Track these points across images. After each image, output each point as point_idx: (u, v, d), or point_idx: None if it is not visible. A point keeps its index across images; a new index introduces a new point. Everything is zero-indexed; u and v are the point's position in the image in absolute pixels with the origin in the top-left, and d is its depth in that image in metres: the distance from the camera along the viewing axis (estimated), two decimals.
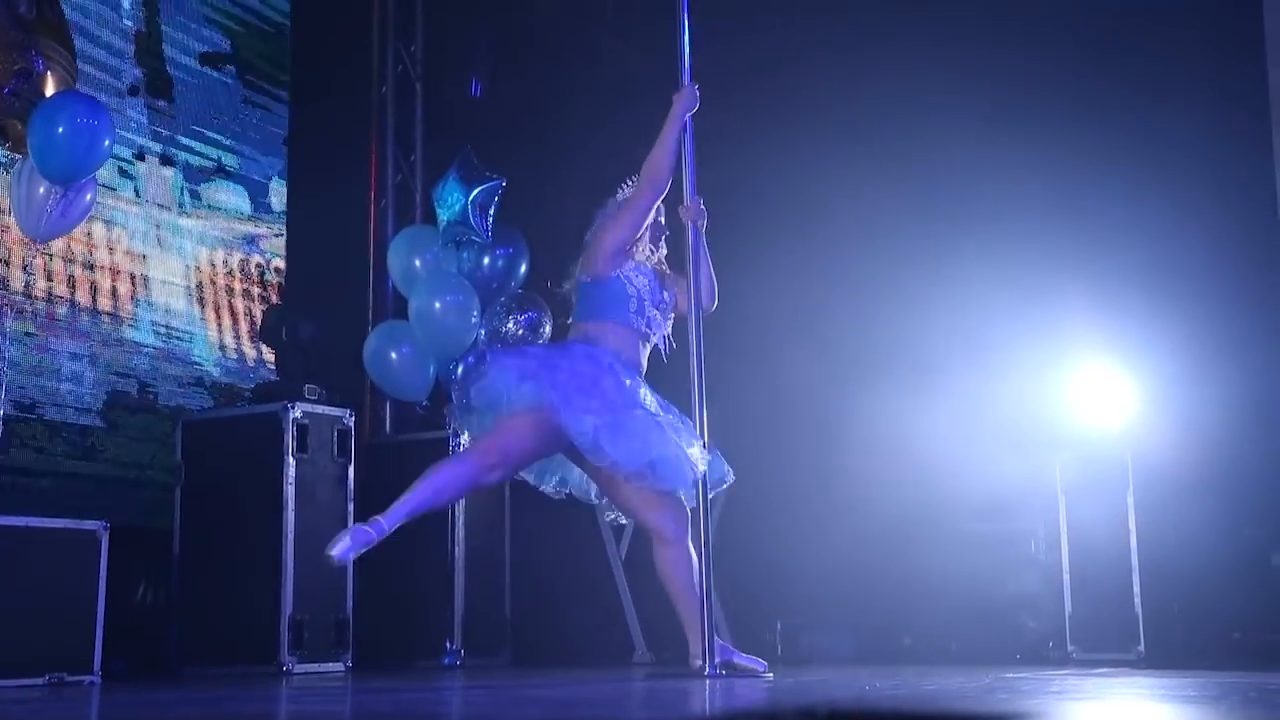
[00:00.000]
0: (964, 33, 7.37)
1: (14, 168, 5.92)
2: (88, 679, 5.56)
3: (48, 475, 6.63)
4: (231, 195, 7.70)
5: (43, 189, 5.69)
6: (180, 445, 6.60)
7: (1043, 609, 6.77)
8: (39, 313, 6.67)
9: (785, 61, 7.65)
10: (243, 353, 7.61)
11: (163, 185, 7.34)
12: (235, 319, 7.60)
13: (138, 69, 7.27)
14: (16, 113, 5.60)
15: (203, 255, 7.49)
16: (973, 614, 6.95)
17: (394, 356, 7.15)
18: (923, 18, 7.44)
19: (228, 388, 7.47)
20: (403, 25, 8.60)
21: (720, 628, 5.12)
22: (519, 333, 7.06)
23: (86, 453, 6.80)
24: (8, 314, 6.48)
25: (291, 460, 6.33)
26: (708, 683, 4.80)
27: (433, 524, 6.86)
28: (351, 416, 6.66)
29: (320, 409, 6.53)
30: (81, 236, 6.83)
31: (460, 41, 8.65)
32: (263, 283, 7.79)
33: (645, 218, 5.23)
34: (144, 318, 7.14)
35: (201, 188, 7.54)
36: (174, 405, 7.16)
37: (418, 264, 7.24)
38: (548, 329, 7.08)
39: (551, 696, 4.42)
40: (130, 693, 5.26)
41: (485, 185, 7.04)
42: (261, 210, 7.86)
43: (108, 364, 6.95)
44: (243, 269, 7.70)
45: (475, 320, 7.03)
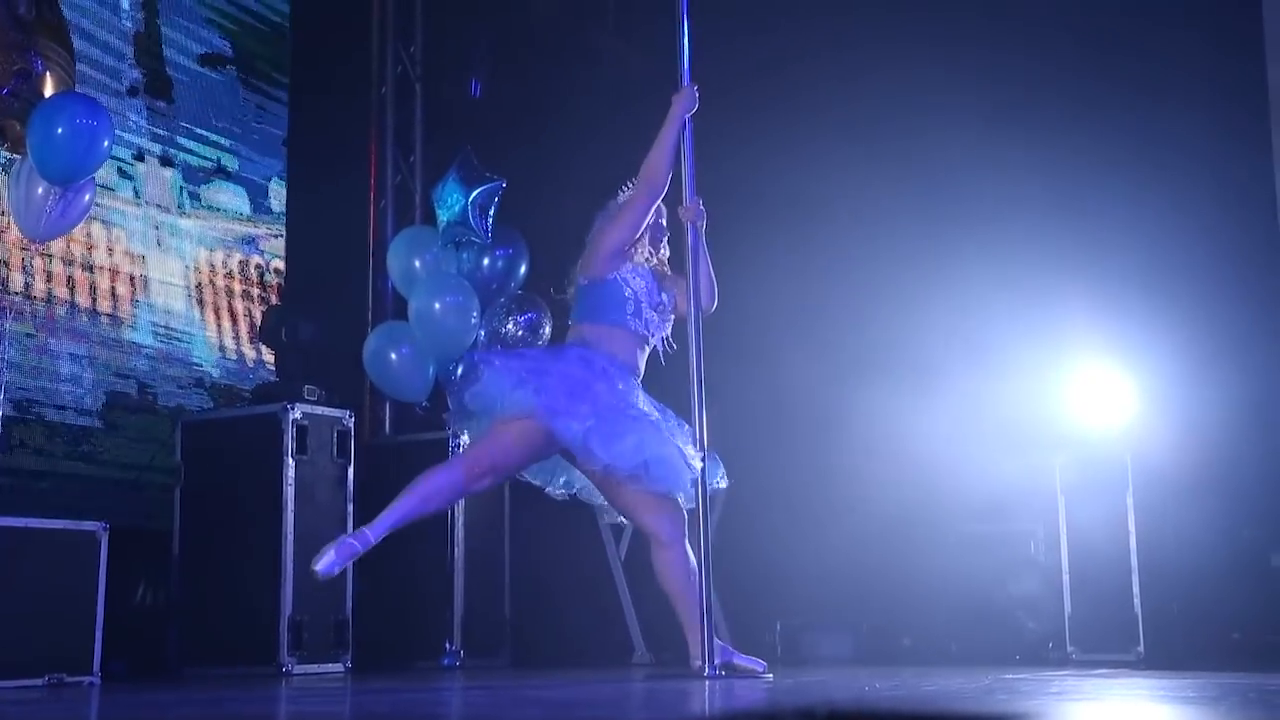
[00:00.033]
0: (964, 33, 7.37)
1: (13, 168, 5.91)
2: (87, 680, 5.56)
3: (47, 476, 6.63)
4: (231, 196, 7.70)
5: (41, 189, 5.69)
6: (180, 446, 6.60)
7: (1042, 610, 6.77)
8: (38, 314, 6.67)
9: (785, 61, 7.65)
10: (242, 353, 7.61)
11: (162, 186, 7.34)
12: (235, 320, 7.60)
13: (137, 70, 7.27)
14: (15, 113, 5.60)
15: (202, 256, 7.49)
16: (972, 615, 6.95)
17: (393, 357, 7.14)
18: (923, 18, 7.44)
19: (227, 389, 7.47)
20: (402, 26, 8.60)
21: (720, 629, 5.11)
22: (519, 334, 7.05)
23: (86, 454, 6.80)
24: (7, 315, 6.48)
25: (291, 461, 6.33)
26: (707, 683, 4.80)
27: (432, 525, 6.85)
28: (351, 417, 6.66)
29: (320, 410, 6.52)
30: (81, 237, 6.83)
31: (460, 42, 8.65)
32: (262, 283, 7.79)
33: (643, 219, 5.23)
34: (143, 318, 7.14)
35: (201, 188, 7.54)
36: (173, 406, 7.16)
37: (417, 265, 7.23)
38: (547, 330, 7.07)
39: (551, 697, 4.42)
40: (130, 693, 5.25)
41: (485, 186, 7.03)
42: (261, 211, 7.85)
43: (107, 365, 6.95)
44: (242, 270, 7.70)
45: (475, 321, 7.02)
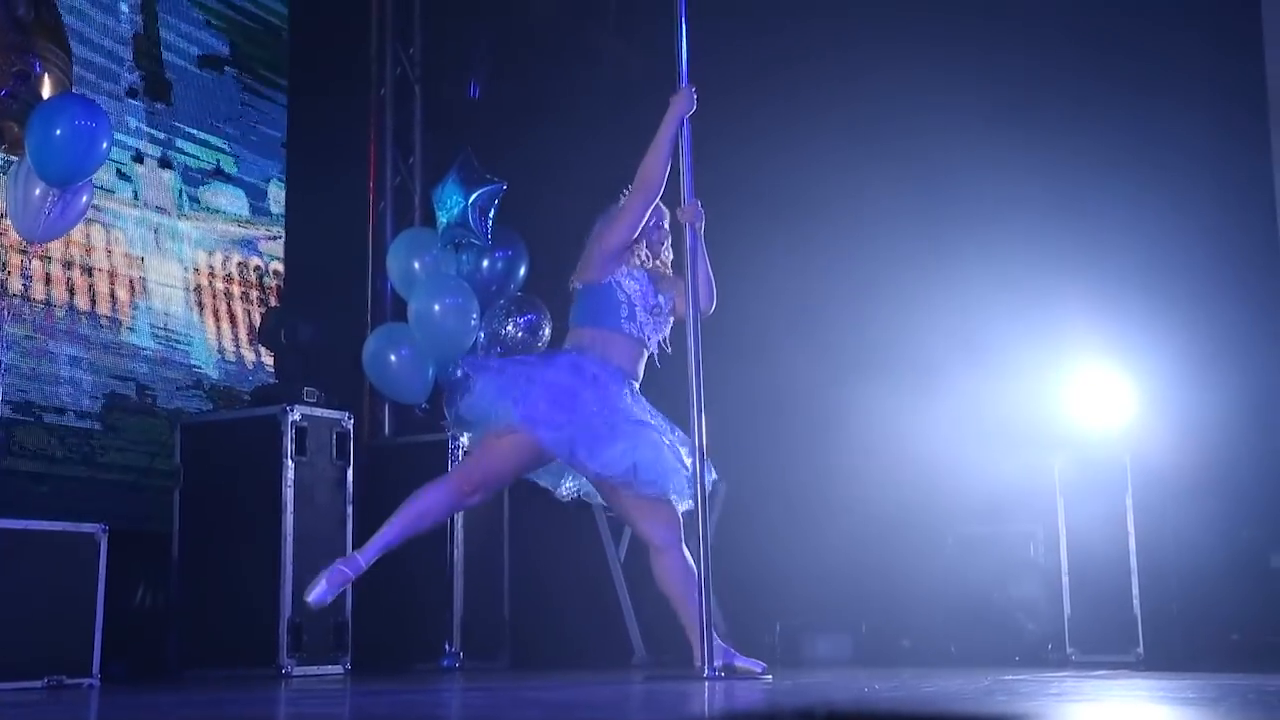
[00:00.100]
0: (964, 33, 7.37)
1: (10, 169, 5.91)
2: (86, 682, 5.56)
3: (47, 478, 6.62)
4: (230, 198, 7.70)
5: (39, 190, 5.68)
6: (179, 448, 6.60)
7: (1041, 611, 6.77)
8: (38, 316, 6.66)
9: (785, 62, 7.65)
10: (241, 355, 7.60)
11: (161, 188, 7.34)
12: (234, 321, 7.60)
13: (136, 71, 7.26)
14: (14, 115, 5.59)
15: (201, 258, 7.49)
16: (971, 616, 6.95)
17: (393, 359, 7.14)
18: (922, 18, 7.44)
19: (226, 390, 7.47)
20: (401, 27, 8.60)
21: (719, 630, 5.11)
22: (518, 335, 7.05)
23: (85, 456, 6.80)
24: (6, 317, 6.48)
25: (290, 463, 6.33)
26: (707, 685, 4.79)
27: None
28: (350, 419, 6.65)
29: (319, 412, 6.52)
30: (80, 239, 6.83)
31: (459, 43, 8.64)
32: (261, 285, 7.79)
33: (639, 222, 5.20)
34: (143, 321, 7.14)
35: (200, 190, 7.54)
36: (173, 408, 7.15)
37: (417, 266, 7.23)
38: (547, 331, 7.07)
39: (550, 699, 4.42)
40: (129, 695, 5.26)
41: (486, 188, 7.03)
42: (260, 213, 7.85)
43: (106, 367, 6.94)
44: (241, 271, 7.69)
45: (474, 323, 7.02)
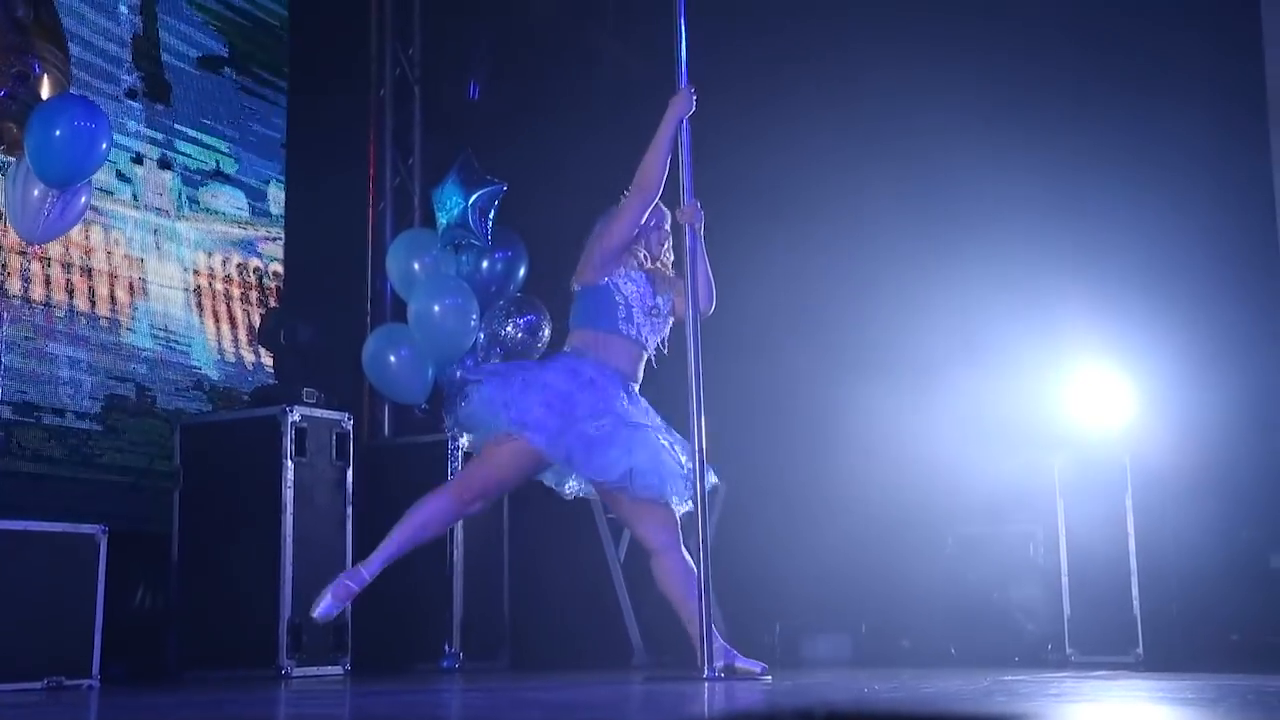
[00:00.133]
0: (964, 33, 7.38)
1: (9, 170, 5.90)
2: (86, 683, 5.55)
3: (46, 479, 6.62)
4: (229, 198, 7.70)
5: (38, 191, 5.67)
6: (179, 449, 6.60)
7: (1041, 611, 6.77)
8: (37, 317, 6.66)
9: (785, 62, 7.65)
10: (241, 356, 7.60)
11: (161, 189, 7.34)
12: (234, 322, 7.60)
13: (135, 72, 7.26)
14: (13, 115, 5.59)
15: (201, 259, 7.49)
16: (971, 616, 6.95)
17: (393, 359, 7.13)
18: (922, 18, 7.44)
19: (226, 391, 7.47)
20: (401, 28, 8.60)
21: (718, 630, 5.11)
22: (518, 336, 7.05)
23: (85, 457, 6.80)
24: (5, 318, 6.48)
25: (290, 464, 6.33)
26: (706, 686, 4.80)
27: None
28: (350, 420, 6.65)
29: (319, 412, 6.52)
30: (80, 240, 6.83)
31: (458, 44, 8.65)
32: (261, 286, 7.78)
33: (636, 223, 5.19)
34: (142, 321, 7.14)
35: (199, 191, 7.53)
36: (172, 409, 7.15)
37: (416, 267, 7.22)
38: (546, 332, 7.07)
39: (550, 699, 4.42)
40: (129, 697, 5.26)
41: (486, 189, 7.02)
42: (259, 213, 7.85)
43: (106, 368, 6.94)
44: (241, 272, 7.69)
45: (474, 323, 7.02)
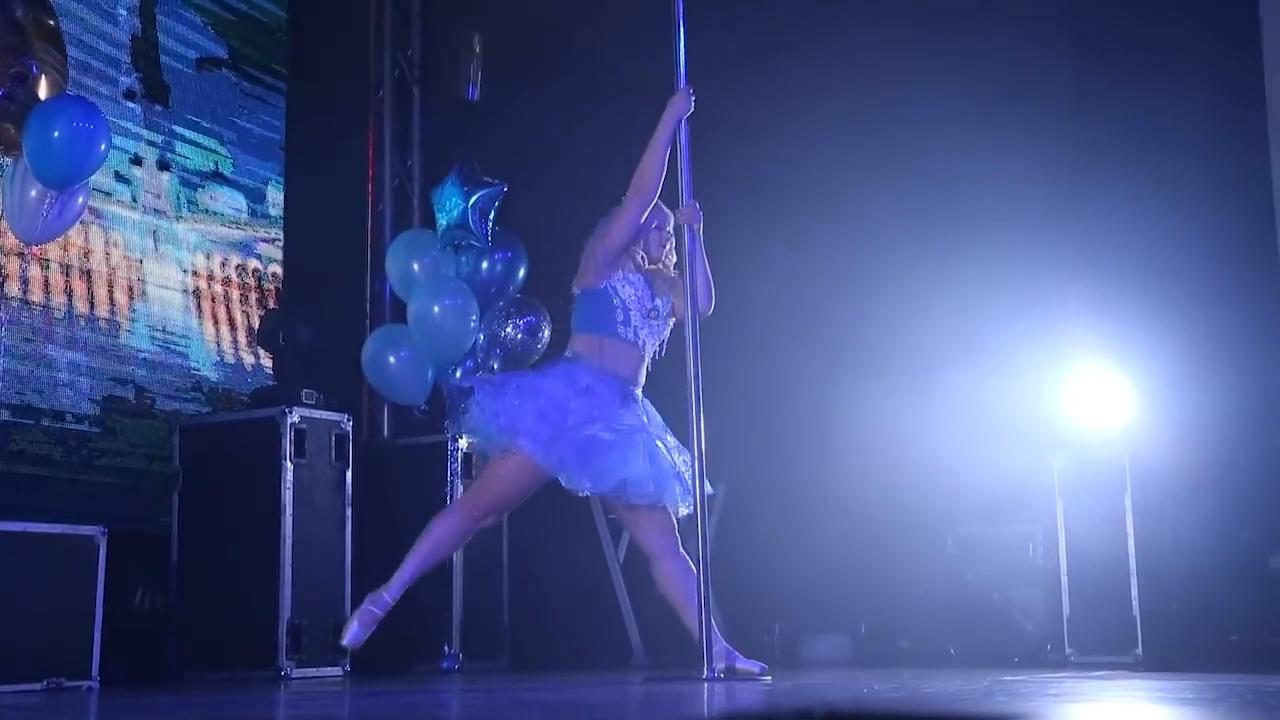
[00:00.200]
0: (963, 32, 7.38)
1: (6, 171, 5.89)
2: (86, 684, 5.55)
3: (46, 481, 6.62)
4: (229, 199, 7.70)
5: (35, 192, 5.67)
6: (178, 450, 6.60)
7: (1040, 612, 6.77)
8: (36, 319, 6.66)
9: (783, 61, 7.65)
10: (240, 357, 7.60)
11: (160, 190, 7.34)
12: (233, 324, 7.60)
13: (134, 74, 7.26)
14: (11, 116, 5.58)
15: (200, 260, 7.49)
16: (971, 617, 6.95)
17: (392, 361, 7.14)
18: (922, 17, 7.44)
19: (225, 392, 7.47)
20: (400, 28, 8.60)
21: (719, 631, 5.11)
22: (518, 337, 7.05)
23: (84, 458, 6.80)
24: (2, 320, 6.48)
25: (289, 465, 6.33)
26: (706, 686, 4.80)
27: None
28: (349, 421, 6.65)
29: (318, 413, 6.52)
30: (78, 242, 6.83)
31: (457, 45, 8.65)
32: (260, 287, 7.78)
33: (635, 225, 5.18)
34: (141, 323, 7.14)
35: (198, 192, 7.53)
36: (171, 410, 7.15)
37: (416, 268, 7.23)
38: (546, 333, 7.08)
39: (550, 700, 4.42)
40: (128, 698, 5.26)
41: (486, 190, 7.03)
42: (259, 215, 7.85)
43: (105, 370, 6.94)
44: (240, 274, 7.69)
45: (474, 324, 7.02)
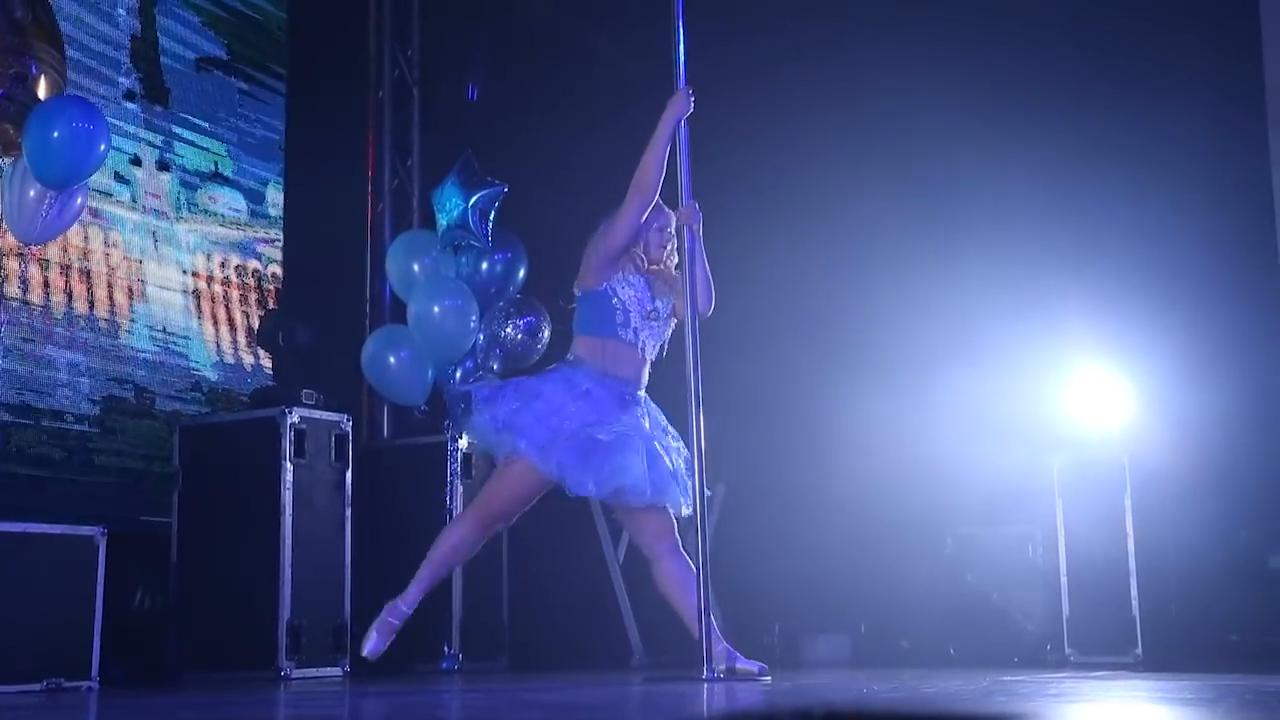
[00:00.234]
0: (963, 32, 7.38)
1: (4, 172, 5.89)
2: (86, 685, 5.55)
3: (45, 481, 6.62)
4: (228, 200, 7.69)
5: (34, 192, 5.66)
6: (178, 450, 6.59)
7: (1040, 612, 6.77)
8: (36, 318, 6.66)
9: (783, 61, 7.65)
10: (240, 358, 7.60)
11: (159, 190, 7.34)
12: (232, 324, 7.60)
13: (134, 74, 7.26)
14: (10, 117, 5.58)
15: (199, 260, 7.49)
16: (970, 617, 6.95)
17: (392, 361, 7.14)
18: (922, 17, 7.44)
19: (225, 393, 7.46)
20: (399, 29, 8.60)
21: (719, 631, 5.11)
22: (517, 337, 7.06)
23: (84, 459, 6.80)
24: (2, 320, 6.48)
25: (289, 465, 6.32)
26: (705, 686, 4.80)
27: (430, 529, 6.85)
28: (349, 421, 6.64)
29: (318, 414, 6.52)
30: (78, 243, 6.83)
31: (457, 45, 8.65)
32: (260, 288, 7.78)
33: (634, 226, 5.18)
34: (141, 324, 7.14)
35: (198, 193, 7.53)
36: (171, 410, 7.15)
37: (416, 268, 7.23)
38: (546, 333, 7.08)
39: (549, 700, 4.42)
40: (128, 698, 5.26)
41: (486, 191, 7.03)
42: (258, 215, 7.85)
43: (105, 370, 6.94)
44: (239, 274, 7.69)
45: (474, 325, 7.02)
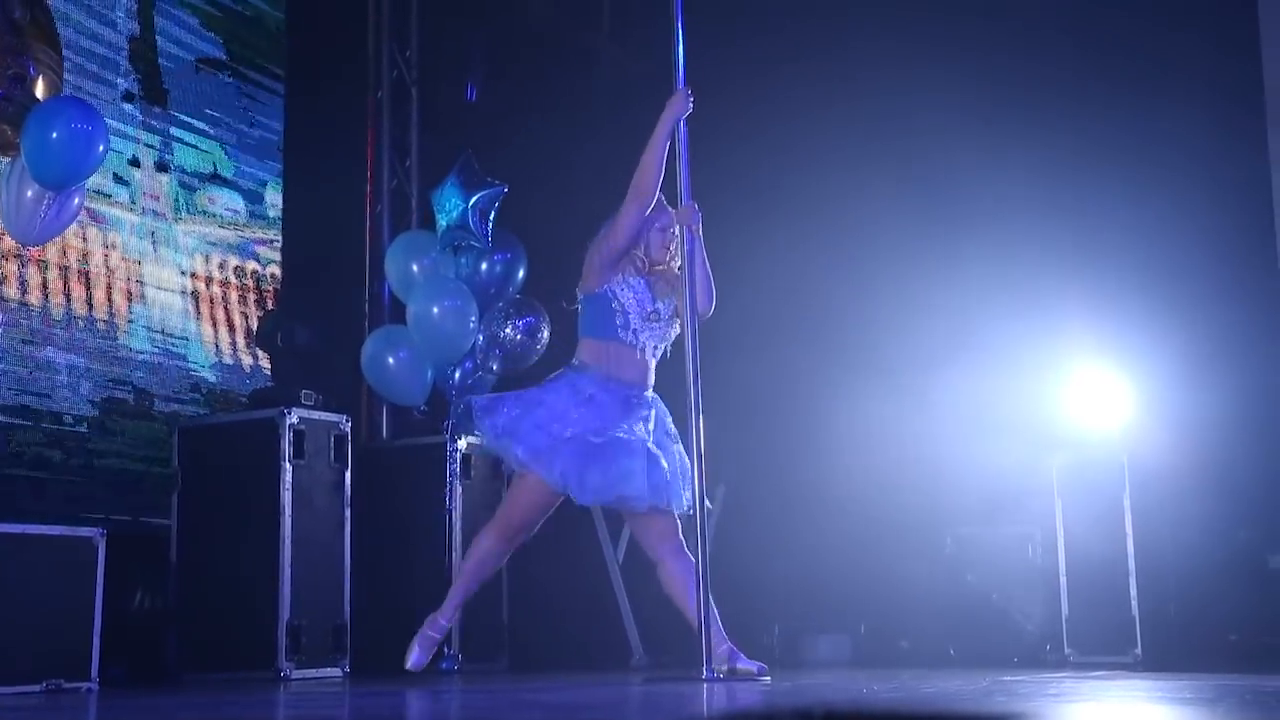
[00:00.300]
0: (963, 32, 7.38)
1: (2, 172, 5.87)
2: (85, 685, 5.55)
3: (45, 482, 6.62)
4: (227, 201, 7.69)
5: (31, 193, 5.65)
6: (177, 451, 6.59)
7: (1039, 612, 6.77)
8: (35, 320, 6.66)
9: (782, 61, 7.66)
10: (239, 358, 7.60)
11: (158, 191, 7.34)
12: (231, 325, 7.59)
13: (132, 75, 7.26)
14: (8, 118, 5.58)
15: (198, 261, 7.48)
16: (970, 617, 6.95)
17: (391, 361, 7.14)
18: (921, 17, 7.45)
19: (224, 394, 7.46)
20: (398, 29, 8.59)
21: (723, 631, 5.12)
22: (517, 338, 7.06)
23: (83, 460, 6.79)
24: (1, 322, 6.48)
25: (288, 466, 6.32)
26: (706, 686, 4.80)
27: (429, 529, 6.87)
28: (348, 422, 6.64)
29: (317, 414, 6.52)
30: (77, 244, 6.83)
31: (456, 46, 8.64)
32: (259, 288, 7.78)
33: (634, 227, 5.18)
34: (140, 325, 7.13)
35: (197, 194, 7.53)
36: (170, 411, 7.15)
37: (415, 269, 7.23)
38: (545, 334, 7.08)
39: (549, 700, 4.42)
40: (128, 699, 5.26)
41: (486, 191, 7.03)
42: (257, 215, 7.85)
43: (104, 371, 6.94)
44: (238, 274, 7.69)
45: (473, 325, 7.02)
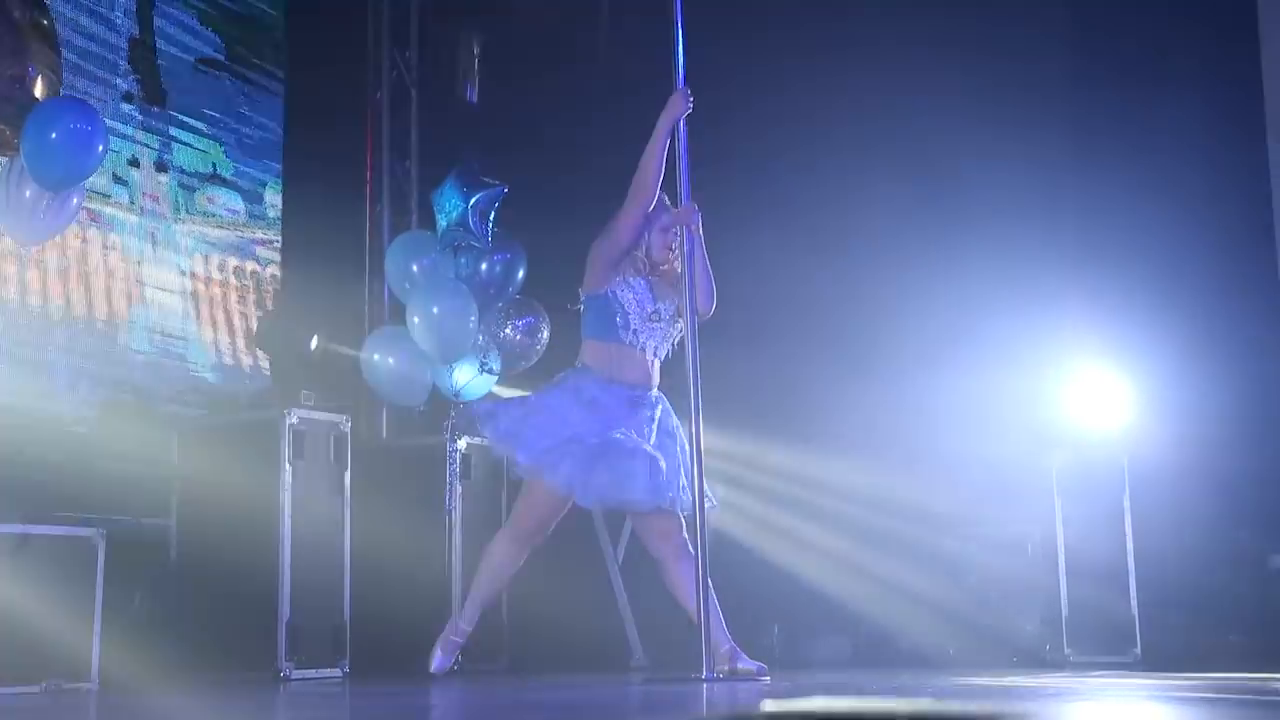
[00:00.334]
0: (962, 31, 7.38)
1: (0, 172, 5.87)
2: (85, 686, 5.55)
3: (44, 483, 6.61)
4: (226, 201, 7.70)
5: (29, 192, 5.65)
6: (176, 452, 6.59)
7: (1039, 612, 6.77)
8: (34, 321, 6.66)
9: (782, 60, 7.65)
10: (239, 359, 7.60)
11: (158, 192, 7.34)
12: (231, 325, 7.60)
13: (132, 75, 7.26)
14: (7, 118, 5.58)
15: (198, 262, 7.49)
16: (970, 617, 6.95)
17: (391, 362, 7.14)
18: (921, 16, 7.44)
19: (224, 394, 7.46)
20: (398, 30, 8.60)
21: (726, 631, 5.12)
22: (516, 338, 7.06)
23: (83, 460, 6.79)
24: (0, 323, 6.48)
25: (288, 466, 6.32)
26: (705, 686, 4.80)
27: (429, 529, 6.87)
28: (348, 422, 6.64)
29: (316, 415, 6.51)
30: (76, 244, 6.83)
31: (455, 47, 8.65)
32: (258, 289, 7.78)
33: (634, 227, 5.18)
34: (139, 325, 7.14)
35: (196, 194, 7.54)
36: (170, 412, 7.15)
37: (415, 269, 7.23)
38: (545, 334, 7.08)
39: (550, 701, 4.42)
40: (128, 698, 5.25)
41: (486, 191, 7.03)
42: (257, 216, 7.85)
43: (104, 372, 6.94)
44: (238, 275, 7.69)
45: (473, 325, 7.02)
